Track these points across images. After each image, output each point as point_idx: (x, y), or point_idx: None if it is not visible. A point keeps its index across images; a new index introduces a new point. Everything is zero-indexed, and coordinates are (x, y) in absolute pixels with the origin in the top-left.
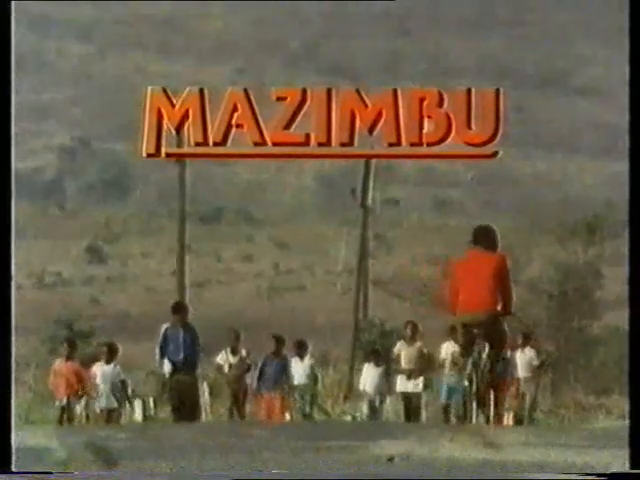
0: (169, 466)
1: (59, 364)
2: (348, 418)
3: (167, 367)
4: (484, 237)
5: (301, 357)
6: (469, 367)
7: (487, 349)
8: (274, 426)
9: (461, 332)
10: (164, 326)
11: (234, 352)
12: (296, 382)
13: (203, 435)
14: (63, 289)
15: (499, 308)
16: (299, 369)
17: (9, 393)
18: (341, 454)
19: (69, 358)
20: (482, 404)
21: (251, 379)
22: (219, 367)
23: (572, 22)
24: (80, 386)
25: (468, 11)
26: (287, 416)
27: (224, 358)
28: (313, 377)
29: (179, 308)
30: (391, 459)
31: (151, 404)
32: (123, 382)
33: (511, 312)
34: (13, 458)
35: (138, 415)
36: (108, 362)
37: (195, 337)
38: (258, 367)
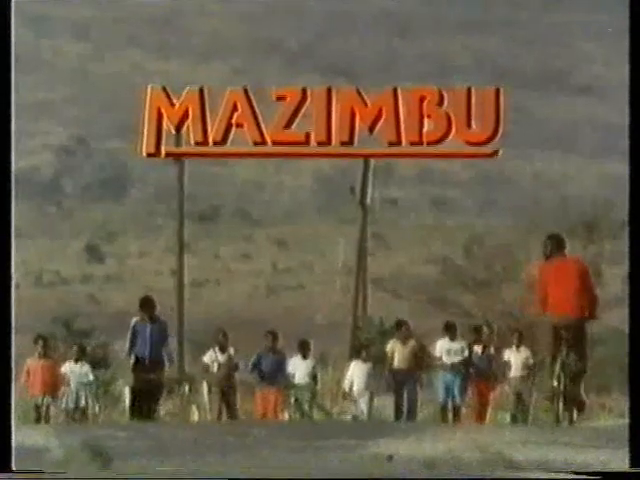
0: (167, 465)
1: (32, 362)
2: (347, 417)
3: (131, 362)
4: (558, 243)
5: (304, 356)
6: (557, 367)
7: (574, 351)
8: (272, 425)
9: (550, 333)
10: (133, 319)
11: (222, 351)
12: (296, 381)
13: (201, 434)
14: (61, 288)
15: (586, 312)
16: (301, 368)
17: (9, 392)
18: (340, 453)
19: (42, 356)
20: (571, 404)
21: (247, 376)
22: (206, 366)
23: (572, 22)
24: (55, 384)
25: (467, 11)
26: (285, 415)
27: (212, 357)
28: (313, 377)
29: (145, 303)
30: (390, 458)
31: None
32: (92, 381)
33: (596, 316)
34: (13, 458)
35: None
36: (77, 361)
37: (165, 333)
38: (251, 364)
